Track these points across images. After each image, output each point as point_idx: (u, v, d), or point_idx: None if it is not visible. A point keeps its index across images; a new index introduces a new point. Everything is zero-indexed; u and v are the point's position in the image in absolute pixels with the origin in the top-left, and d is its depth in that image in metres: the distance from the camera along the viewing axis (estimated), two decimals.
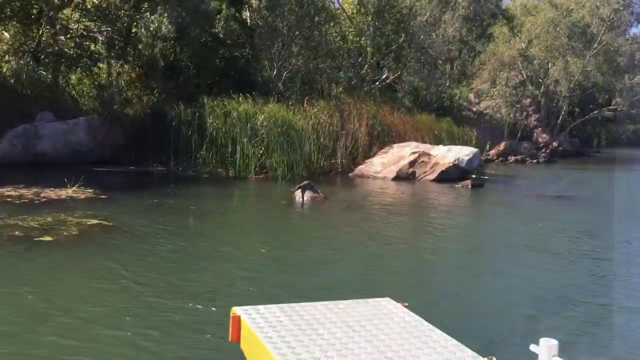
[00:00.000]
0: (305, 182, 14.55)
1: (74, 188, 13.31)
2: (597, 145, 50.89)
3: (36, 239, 9.01)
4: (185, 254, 8.77)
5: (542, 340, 3.32)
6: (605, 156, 40.61)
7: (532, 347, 3.36)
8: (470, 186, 17.86)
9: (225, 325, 5.84)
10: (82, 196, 12.88)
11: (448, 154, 19.60)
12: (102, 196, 13.00)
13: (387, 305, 4.29)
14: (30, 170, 15.87)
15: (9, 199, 12.01)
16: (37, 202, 11.96)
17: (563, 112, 39.03)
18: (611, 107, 40.74)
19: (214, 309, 6.40)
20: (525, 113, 37.00)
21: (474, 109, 36.65)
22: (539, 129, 36.94)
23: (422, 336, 3.75)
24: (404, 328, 3.87)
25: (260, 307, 4.14)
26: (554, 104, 39.46)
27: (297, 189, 14.24)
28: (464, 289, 7.86)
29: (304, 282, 7.71)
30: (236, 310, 4.05)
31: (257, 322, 3.84)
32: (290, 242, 10.21)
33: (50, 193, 12.92)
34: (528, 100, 37.75)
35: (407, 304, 4.34)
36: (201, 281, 7.45)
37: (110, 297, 6.69)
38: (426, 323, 3.98)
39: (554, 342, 3.29)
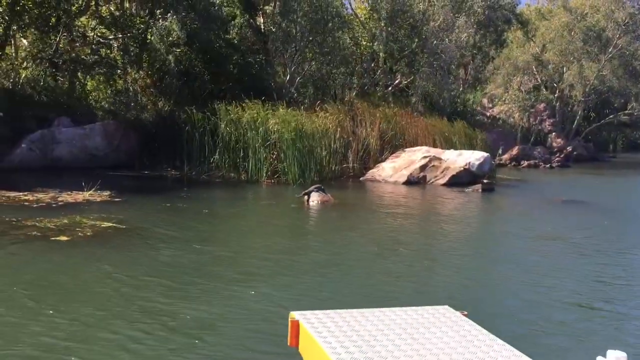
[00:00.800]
0: (314, 186, 14.77)
1: (90, 192, 13.62)
2: (614, 150, 50.41)
3: (52, 238, 9.32)
4: (194, 256, 8.96)
5: (609, 352, 3.15)
6: (621, 161, 40.24)
7: None
8: (480, 190, 17.91)
9: (218, 330, 6.03)
10: (98, 199, 13.19)
11: (459, 159, 19.64)
12: (117, 199, 13.30)
13: (446, 314, 4.25)
14: (47, 174, 16.20)
15: (26, 203, 12.33)
16: (54, 205, 12.27)
17: (578, 117, 38.83)
18: (627, 111, 40.45)
19: (216, 312, 6.55)
20: (539, 118, 36.87)
21: (488, 114, 36.61)
22: (554, 133, 36.78)
23: (482, 346, 3.66)
24: (463, 337, 3.80)
25: (318, 312, 4.14)
26: (569, 109, 39.27)
27: (303, 195, 14.46)
28: (494, 295, 7.92)
29: (315, 286, 7.88)
30: (294, 315, 4.05)
31: (315, 327, 3.84)
32: (298, 245, 10.37)
33: (67, 196, 13.25)
34: (542, 105, 37.63)
35: (466, 313, 4.27)
36: (206, 285, 7.59)
37: (112, 297, 6.87)
38: (486, 332, 3.89)
39: (622, 355, 3.12)
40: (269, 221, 12.72)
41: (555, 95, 38.88)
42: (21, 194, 13.15)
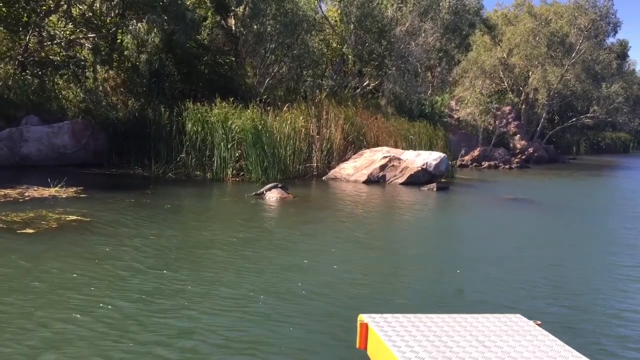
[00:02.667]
0: (268, 185, 15.68)
1: (57, 188, 14.12)
2: (576, 152, 52.03)
3: (18, 231, 9.84)
4: (151, 246, 9.55)
5: None
6: (580, 163, 41.62)
7: None
8: (435, 189, 18.76)
9: (151, 323, 6.34)
10: (64, 195, 13.67)
11: (417, 159, 20.48)
12: (83, 195, 13.81)
13: (519, 322, 4.17)
14: (15, 172, 16.60)
15: None
16: (21, 200, 12.72)
17: (542, 120, 40.15)
18: (589, 114, 41.88)
19: (160, 302, 6.93)
20: (505, 120, 38.04)
21: (455, 116, 37.64)
22: (518, 135, 37.98)
23: (557, 357, 3.54)
24: (537, 347, 3.70)
25: (387, 315, 4.14)
26: (534, 112, 40.60)
27: (254, 195, 15.24)
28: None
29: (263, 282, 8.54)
30: (363, 317, 4.08)
31: (384, 330, 3.84)
32: (243, 238, 10.70)
33: (34, 192, 13.70)
34: (508, 107, 38.84)
35: (539, 322, 4.19)
36: (158, 275, 8.08)
37: (48, 289, 7.16)
38: (561, 343, 3.79)
39: None
40: (223, 216, 13.30)
41: (521, 99, 40.15)
42: None
